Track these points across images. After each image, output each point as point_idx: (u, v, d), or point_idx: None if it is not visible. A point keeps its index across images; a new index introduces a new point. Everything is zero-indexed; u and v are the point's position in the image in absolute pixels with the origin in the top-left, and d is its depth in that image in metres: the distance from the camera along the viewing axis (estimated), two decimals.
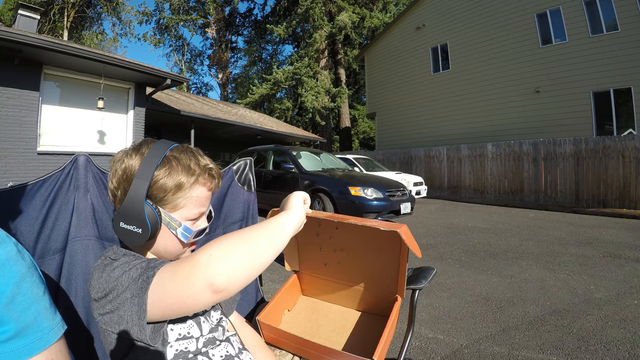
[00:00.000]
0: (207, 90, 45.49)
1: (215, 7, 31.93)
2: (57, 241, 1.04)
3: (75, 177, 1.11)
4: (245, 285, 0.68)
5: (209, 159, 0.94)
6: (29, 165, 7.72)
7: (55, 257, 1.03)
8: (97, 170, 1.16)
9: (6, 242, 0.61)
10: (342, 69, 28.16)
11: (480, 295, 3.42)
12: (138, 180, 0.82)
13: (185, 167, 0.85)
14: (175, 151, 0.88)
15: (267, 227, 0.76)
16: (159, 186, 0.83)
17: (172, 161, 0.85)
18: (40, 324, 0.60)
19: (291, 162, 7.98)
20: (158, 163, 0.83)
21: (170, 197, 0.85)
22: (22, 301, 0.58)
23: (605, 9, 12.12)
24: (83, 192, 1.11)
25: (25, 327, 0.58)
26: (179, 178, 0.84)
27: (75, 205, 1.09)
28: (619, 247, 5.27)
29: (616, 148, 9.43)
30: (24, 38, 6.90)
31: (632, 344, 2.42)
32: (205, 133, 16.19)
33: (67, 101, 8.60)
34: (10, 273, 0.58)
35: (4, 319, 0.55)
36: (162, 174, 0.83)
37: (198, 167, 0.88)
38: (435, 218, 8.40)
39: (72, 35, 27.79)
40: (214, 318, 0.95)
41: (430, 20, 17.54)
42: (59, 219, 1.06)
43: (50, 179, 1.06)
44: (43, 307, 0.62)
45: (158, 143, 0.88)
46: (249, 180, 1.55)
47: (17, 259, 0.61)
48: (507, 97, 14.57)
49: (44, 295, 0.64)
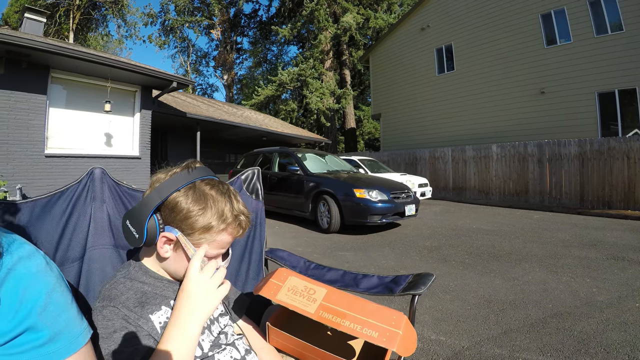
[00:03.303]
0: (212, 91, 45.59)
1: (220, 8, 31.98)
2: (76, 250, 1.11)
3: (92, 189, 1.17)
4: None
5: (243, 203, 0.97)
6: (37, 168, 7.82)
7: (74, 265, 1.09)
8: (113, 182, 1.22)
9: (36, 255, 0.67)
10: (347, 69, 28.15)
11: (482, 298, 3.46)
12: (155, 194, 0.88)
13: (219, 212, 0.90)
14: (215, 189, 0.92)
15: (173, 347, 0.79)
16: (190, 223, 0.88)
17: (209, 201, 0.89)
18: (70, 329, 0.67)
19: (296, 164, 8.04)
20: (179, 188, 0.88)
21: (197, 235, 0.89)
22: (53, 309, 0.65)
23: (610, 9, 12.04)
24: (99, 203, 1.17)
25: (57, 333, 0.64)
26: (210, 221, 0.89)
27: (92, 216, 1.15)
28: (622, 250, 5.28)
29: (621, 149, 9.39)
30: (32, 43, 7.00)
31: (632, 347, 2.45)
32: (211, 135, 16.28)
33: (74, 104, 8.70)
34: (42, 284, 0.64)
35: (38, 327, 0.62)
36: (196, 210, 0.88)
37: (231, 214, 0.91)
38: (439, 219, 8.42)
39: (77, 37, 27.94)
40: (218, 327, 1.01)
41: (434, 21, 17.52)
42: (77, 228, 1.12)
43: (68, 191, 1.13)
44: (72, 314, 0.69)
45: (195, 170, 0.93)
46: (257, 189, 1.61)
47: (47, 270, 0.67)
48: (512, 98, 14.53)
49: (72, 303, 0.70)
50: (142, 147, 9.76)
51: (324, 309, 1.01)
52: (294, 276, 1.11)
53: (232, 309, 1.12)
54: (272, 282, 1.09)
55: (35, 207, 1.05)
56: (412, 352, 0.97)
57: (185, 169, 0.92)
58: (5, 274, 0.60)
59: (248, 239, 1.59)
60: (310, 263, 1.53)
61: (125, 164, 9.46)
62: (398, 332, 0.95)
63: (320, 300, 1.03)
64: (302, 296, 1.04)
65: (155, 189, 0.89)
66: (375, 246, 5.78)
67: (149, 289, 0.92)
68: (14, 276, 0.61)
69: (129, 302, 0.87)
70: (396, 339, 0.94)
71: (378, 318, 0.99)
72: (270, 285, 1.08)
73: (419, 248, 5.60)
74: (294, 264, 1.52)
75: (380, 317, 0.99)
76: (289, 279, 1.10)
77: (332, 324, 0.98)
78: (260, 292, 1.07)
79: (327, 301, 1.03)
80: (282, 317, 1.21)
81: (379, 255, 5.16)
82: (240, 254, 1.56)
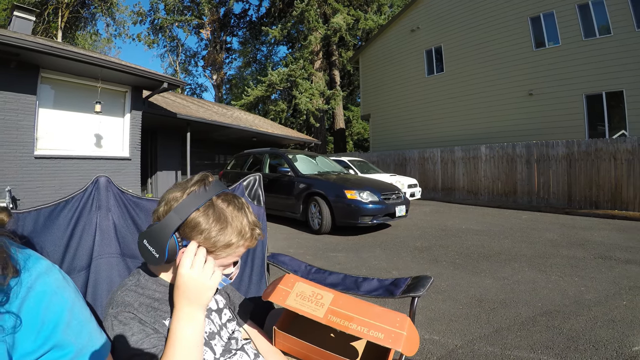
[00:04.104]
0: (201, 91, 45.28)
1: (210, 8, 31.78)
2: (82, 259, 1.11)
3: (97, 198, 1.18)
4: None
5: (254, 213, 1.00)
6: (26, 169, 7.71)
7: (81, 274, 1.10)
8: (118, 191, 1.23)
9: (53, 270, 0.67)
10: (336, 70, 28.14)
11: (474, 297, 3.51)
12: (174, 215, 0.88)
13: (238, 229, 0.92)
14: (232, 206, 0.94)
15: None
16: (212, 242, 0.90)
17: (229, 219, 0.92)
18: (93, 343, 0.68)
19: (287, 166, 8.06)
20: (199, 206, 0.90)
21: (216, 250, 0.91)
22: (76, 325, 0.65)
23: (598, 12, 12.23)
24: (105, 211, 1.18)
25: (82, 348, 0.65)
26: (231, 239, 0.91)
27: (98, 225, 1.16)
28: (609, 249, 5.39)
29: (608, 150, 9.55)
30: (22, 42, 6.89)
31: (620, 343, 2.52)
32: (201, 135, 16.17)
33: (64, 105, 8.60)
34: (63, 301, 0.65)
35: (64, 344, 0.62)
36: (217, 230, 0.90)
37: (249, 229, 0.94)
38: (429, 220, 8.50)
39: (66, 35, 27.58)
40: (227, 332, 1.04)
41: (424, 22, 17.64)
42: (83, 238, 1.13)
43: (73, 200, 1.13)
44: (93, 327, 0.70)
45: (212, 186, 0.94)
46: (258, 195, 1.64)
47: (65, 285, 0.67)
48: (501, 99, 14.70)
49: (91, 316, 0.71)
50: (132, 148, 9.68)
51: (332, 313, 1.05)
52: (301, 282, 1.15)
53: (237, 314, 1.15)
54: (280, 288, 1.12)
55: (39, 216, 1.05)
56: (415, 352, 1.02)
57: (202, 185, 0.93)
58: (25, 293, 0.60)
59: None
60: (312, 267, 1.57)
61: (116, 165, 9.37)
62: (402, 333, 1.00)
63: (328, 305, 1.07)
64: (310, 301, 1.08)
65: (175, 209, 0.89)
66: (367, 247, 5.82)
67: (160, 296, 0.94)
68: (34, 295, 0.60)
69: (142, 308, 0.89)
70: (401, 340, 0.98)
71: (383, 320, 1.03)
72: (278, 291, 1.11)
73: (410, 249, 5.65)
74: (295, 269, 1.55)
75: (385, 319, 1.04)
76: (296, 284, 1.13)
77: (341, 327, 1.02)
78: (269, 298, 1.10)
79: (334, 305, 1.07)
80: (286, 321, 1.24)
81: (371, 256, 5.20)
82: (243, 260, 1.58)
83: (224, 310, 1.10)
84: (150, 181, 14.60)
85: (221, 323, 1.05)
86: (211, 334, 0.98)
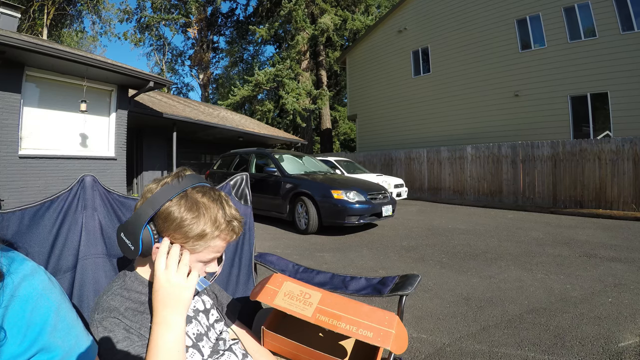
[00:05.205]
0: (187, 90, 44.92)
1: (197, 7, 31.55)
2: (68, 260, 1.09)
3: (83, 197, 1.16)
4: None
5: (235, 207, 0.98)
6: (11, 169, 7.56)
7: (66, 276, 1.08)
8: (104, 190, 1.21)
9: (38, 272, 0.65)
10: (323, 70, 28.15)
11: (461, 296, 3.54)
12: (147, 205, 0.88)
13: (212, 218, 0.91)
14: (207, 196, 0.93)
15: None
16: (184, 231, 0.89)
17: (202, 208, 0.90)
18: (80, 345, 0.67)
19: (274, 166, 8.04)
20: (171, 197, 0.89)
21: (191, 242, 0.90)
22: (63, 327, 0.64)
23: (584, 15, 12.43)
24: (91, 211, 1.16)
25: (69, 350, 0.64)
26: (204, 228, 0.90)
27: (84, 225, 1.13)
28: (594, 247, 5.47)
29: (592, 150, 9.71)
30: (7, 39, 6.74)
31: (606, 339, 2.56)
32: (188, 135, 16.07)
33: (49, 103, 8.45)
34: (49, 302, 0.63)
35: (51, 347, 0.61)
36: (189, 219, 0.89)
37: (224, 220, 0.92)
38: (416, 220, 8.55)
39: (51, 33, 27.19)
40: (215, 333, 1.03)
41: (411, 24, 17.74)
42: (68, 238, 1.10)
43: (58, 200, 1.11)
44: (80, 330, 0.69)
45: (185, 178, 0.94)
46: (245, 194, 1.63)
47: (51, 287, 0.66)
48: (487, 100, 14.85)
49: (78, 318, 0.70)
50: (117, 148, 9.56)
51: (321, 312, 1.05)
52: (289, 281, 1.14)
53: (225, 314, 1.14)
54: (268, 288, 1.11)
55: (24, 216, 1.03)
56: (404, 350, 1.02)
57: (176, 177, 0.93)
58: (10, 296, 0.58)
59: (237, 245, 1.60)
60: (299, 267, 1.56)
61: (101, 165, 9.25)
62: (391, 331, 1.00)
63: (316, 304, 1.07)
64: (298, 300, 1.07)
65: (148, 200, 0.89)
66: (354, 247, 5.83)
67: (146, 298, 0.93)
68: (19, 297, 0.59)
69: (128, 312, 0.87)
70: (390, 338, 0.98)
71: (372, 319, 1.03)
72: (267, 291, 1.10)
73: (397, 248, 5.67)
74: (283, 268, 1.54)
75: (373, 318, 1.03)
76: (284, 284, 1.13)
77: (329, 326, 1.01)
78: (257, 298, 1.09)
79: (322, 304, 1.07)
80: (275, 321, 1.24)
81: (358, 256, 5.21)
82: (230, 260, 1.57)
83: (211, 311, 1.09)
84: (136, 181, 14.45)
85: (209, 324, 1.04)
86: (199, 335, 0.97)
